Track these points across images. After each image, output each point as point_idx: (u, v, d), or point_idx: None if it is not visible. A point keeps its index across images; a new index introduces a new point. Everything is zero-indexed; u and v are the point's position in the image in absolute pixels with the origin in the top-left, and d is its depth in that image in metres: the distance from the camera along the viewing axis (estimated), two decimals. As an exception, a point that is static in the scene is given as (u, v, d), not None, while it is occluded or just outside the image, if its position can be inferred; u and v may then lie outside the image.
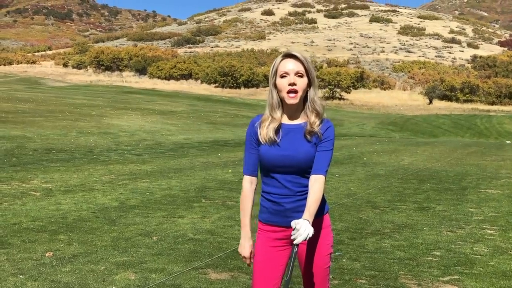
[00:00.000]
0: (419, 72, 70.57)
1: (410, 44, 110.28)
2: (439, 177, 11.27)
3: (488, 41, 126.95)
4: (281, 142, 2.63)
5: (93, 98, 34.61)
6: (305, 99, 2.67)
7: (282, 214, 2.65)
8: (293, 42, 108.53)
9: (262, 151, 2.65)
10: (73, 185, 8.75)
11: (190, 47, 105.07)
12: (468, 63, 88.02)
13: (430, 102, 51.69)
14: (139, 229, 6.06)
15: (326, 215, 2.74)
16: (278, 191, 2.64)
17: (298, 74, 2.61)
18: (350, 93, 53.90)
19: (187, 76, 67.12)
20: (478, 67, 76.54)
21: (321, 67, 59.07)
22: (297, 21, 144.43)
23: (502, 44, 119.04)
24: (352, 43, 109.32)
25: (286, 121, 2.69)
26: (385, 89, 61.89)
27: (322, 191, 2.57)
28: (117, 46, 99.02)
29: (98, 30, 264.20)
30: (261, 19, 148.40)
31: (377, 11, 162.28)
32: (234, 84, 58.67)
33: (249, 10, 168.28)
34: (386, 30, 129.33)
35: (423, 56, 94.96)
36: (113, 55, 77.87)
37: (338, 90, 53.51)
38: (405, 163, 13.94)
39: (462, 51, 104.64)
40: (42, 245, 5.28)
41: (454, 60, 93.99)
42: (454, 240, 6.01)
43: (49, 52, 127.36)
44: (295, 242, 2.39)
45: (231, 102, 44.43)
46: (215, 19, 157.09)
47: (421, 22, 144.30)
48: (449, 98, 54.74)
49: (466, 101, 54.70)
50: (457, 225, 6.77)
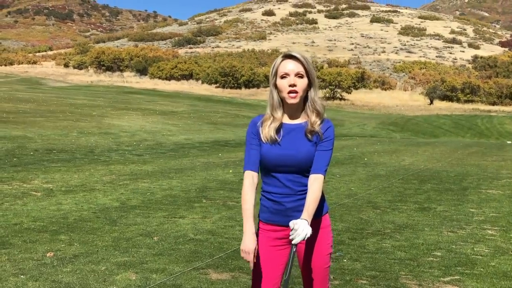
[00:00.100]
0: (420, 72, 70.53)
1: (411, 44, 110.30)
2: (440, 177, 11.26)
3: (489, 41, 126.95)
4: (282, 142, 2.64)
5: (94, 99, 34.61)
6: (305, 99, 2.68)
7: (282, 214, 2.66)
8: (293, 43, 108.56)
9: (263, 150, 2.65)
10: (74, 185, 8.76)
11: (191, 48, 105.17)
12: (469, 64, 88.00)
13: (431, 103, 51.66)
14: (140, 229, 6.06)
15: (325, 215, 2.75)
16: (279, 191, 2.65)
17: (298, 75, 2.62)
18: (351, 93, 53.87)
19: (188, 76, 67.13)
20: (479, 68, 76.50)
21: (321, 68, 59.03)
22: (297, 21, 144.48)
23: (503, 44, 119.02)
24: (353, 44, 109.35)
25: (287, 120, 2.70)
26: (386, 89, 61.88)
27: (321, 191, 2.58)
28: (118, 47, 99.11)
29: (99, 30, 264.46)
30: (262, 20, 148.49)
31: (378, 12, 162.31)
32: (235, 84, 58.68)
33: (250, 10, 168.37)
34: (387, 31, 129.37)
35: (424, 56, 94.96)
36: (114, 56, 77.90)
37: (339, 91, 53.48)
38: (406, 164, 13.93)
39: (463, 52, 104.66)
40: (43, 245, 5.28)
41: (455, 60, 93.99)
42: (455, 240, 6.01)
43: (50, 52, 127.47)
44: (294, 242, 2.40)
45: (232, 103, 44.42)
46: (216, 20, 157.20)
47: (422, 22, 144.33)
48: (450, 99, 54.71)
49: (467, 101, 54.66)
50: (458, 225, 6.77)
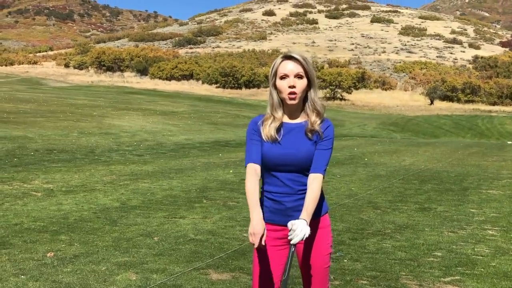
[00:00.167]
0: (420, 72, 70.55)
1: (412, 44, 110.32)
2: (440, 177, 11.26)
3: (489, 41, 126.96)
4: (282, 141, 2.65)
5: (94, 99, 34.62)
6: (305, 99, 2.69)
7: (282, 213, 2.66)
8: (294, 43, 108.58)
9: (264, 149, 2.65)
10: (74, 185, 8.76)
11: (191, 48, 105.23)
12: (469, 64, 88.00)
13: (431, 103, 51.65)
14: (140, 229, 6.06)
15: (325, 215, 2.75)
16: (279, 190, 2.65)
17: (298, 76, 2.62)
18: (351, 93, 53.86)
19: (188, 76, 67.14)
20: (479, 68, 76.49)
21: (322, 68, 59.02)
22: (298, 21, 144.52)
23: (503, 44, 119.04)
24: (353, 44, 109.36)
25: (287, 120, 2.71)
26: (386, 89, 61.89)
27: (320, 190, 2.58)
28: (118, 47, 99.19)
29: (100, 30, 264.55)
30: (262, 20, 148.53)
31: (378, 12, 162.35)
32: (235, 84, 58.68)
33: (250, 10, 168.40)
34: (388, 31, 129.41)
35: (424, 56, 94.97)
36: (114, 56, 77.93)
37: (339, 91, 53.48)
38: (406, 164, 13.93)
39: (464, 52, 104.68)
40: (43, 245, 5.28)
41: (456, 60, 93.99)
42: (455, 240, 6.01)
43: (50, 52, 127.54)
44: (292, 242, 2.41)
45: (232, 103, 44.41)
46: (216, 20, 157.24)
47: (422, 22, 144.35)
48: (450, 99, 54.70)
49: (467, 101, 54.66)
50: (458, 225, 6.77)
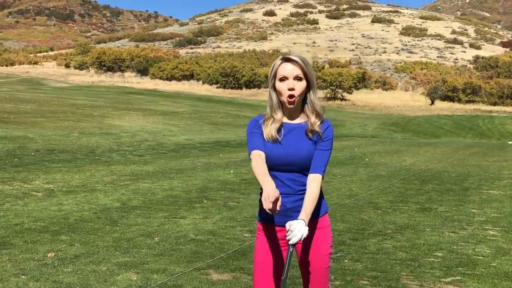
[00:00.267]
0: (421, 72, 70.54)
1: (412, 44, 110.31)
2: (441, 178, 11.25)
3: (490, 41, 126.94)
4: (283, 141, 2.65)
5: (95, 99, 34.63)
6: (304, 101, 2.69)
7: (282, 214, 2.65)
8: (294, 43, 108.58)
9: (266, 148, 2.66)
10: (75, 185, 8.76)
11: (191, 48, 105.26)
12: (470, 64, 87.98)
13: (432, 103, 51.64)
14: (141, 229, 6.06)
15: (325, 215, 2.75)
16: (279, 190, 2.64)
17: (297, 78, 2.62)
18: (352, 93, 53.86)
19: (189, 76, 67.15)
20: (480, 68, 76.48)
21: (322, 68, 58.98)
22: (298, 21, 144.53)
23: (504, 44, 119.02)
24: (354, 44, 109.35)
25: (287, 120, 2.71)
26: (387, 89, 61.88)
27: (319, 190, 2.58)
28: (119, 47, 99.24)
29: (100, 31, 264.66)
30: (262, 20, 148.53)
31: (379, 12, 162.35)
32: (236, 84, 58.70)
33: (250, 10, 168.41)
34: (388, 31, 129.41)
35: (425, 56, 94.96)
36: (114, 56, 77.96)
37: (340, 91, 53.49)
38: (407, 164, 13.92)
39: (464, 52, 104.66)
40: (44, 245, 5.28)
41: (456, 60, 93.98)
42: (456, 241, 6.00)
43: (51, 53, 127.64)
44: (290, 243, 2.41)
45: (233, 103, 44.41)
46: (217, 20, 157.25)
47: (423, 22, 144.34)
48: (451, 99, 54.69)
49: (468, 101, 54.65)
50: (459, 226, 6.76)
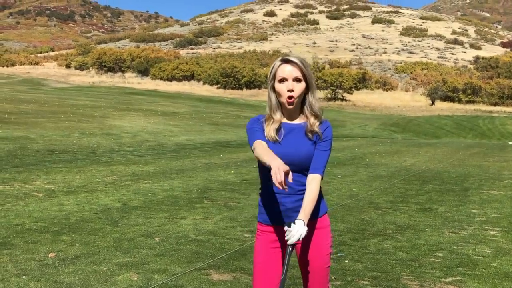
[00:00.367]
0: (422, 73, 70.53)
1: (413, 45, 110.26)
2: (442, 178, 11.26)
3: (490, 42, 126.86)
4: (283, 141, 2.66)
5: (95, 99, 34.63)
6: (303, 102, 2.70)
7: (282, 214, 2.66)
8: (295, 43, 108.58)
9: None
10: (75, 186, 8.77)
11: (192, 48, 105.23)
12: (470, 64, 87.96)
13: (433, 103, 51.64)
14: (142, 230, 6.07)
15: (324, 215, 2.76)
16: (279, 190, 2.65)
17: (296, 79, 2.63)
18: (352, 94, 53.86)
19: (189, 77, 67.15)
20: (480, 68, 76.45)
21: (323, 68, 58.98)
22: (299, 22, 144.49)
23: (504, 45, 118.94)
24: (354, 44, 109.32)
25: (287, 120, 2.72)
26: (387, 90, 61.87)
27: (318, 191, 2.59)
28: (119, 48, 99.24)
29: (101, 31, 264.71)
30: (263, 20, 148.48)
31: (379, 12, 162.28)
32: (236, 85, 58.70)
33: (251, 11, 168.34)
34: (388, 31, 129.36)
35: (426, 57, 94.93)
36: (115, 56, 77.94)
37: (340, 91, 53.49)
38: (407, 164, 13.92)
39: (465, 52, 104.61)
40: (44, 245, 5.29)
41: (457, 61, 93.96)
42: (456, 241, 6.01)
43: (51, 53, 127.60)
44: (289, 243, 2.43)
45: (233, 103, 44.42)
46: (217, 20, 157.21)
47: (423, 23, 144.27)
48: (451, 99, 54.69)
49: (468, 102, 54.64)
50: (459, 226, 6.77)
